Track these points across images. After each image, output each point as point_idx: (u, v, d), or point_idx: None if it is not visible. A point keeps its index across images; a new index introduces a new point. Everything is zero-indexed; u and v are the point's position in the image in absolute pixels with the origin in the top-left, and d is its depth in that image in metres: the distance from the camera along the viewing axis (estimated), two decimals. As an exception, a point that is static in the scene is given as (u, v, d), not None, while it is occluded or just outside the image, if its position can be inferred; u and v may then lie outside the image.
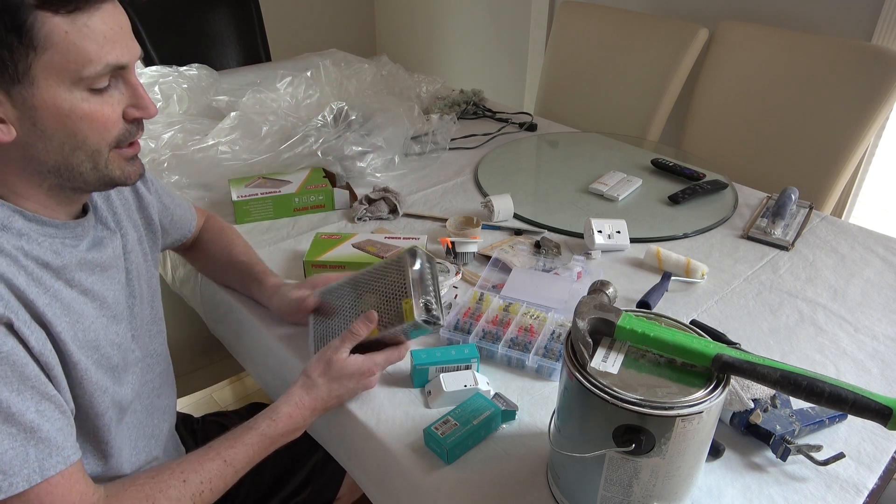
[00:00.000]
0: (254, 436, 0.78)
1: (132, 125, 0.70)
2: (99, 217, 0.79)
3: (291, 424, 0.80)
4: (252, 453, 0.77)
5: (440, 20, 3.20)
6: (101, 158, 0.68)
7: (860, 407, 0.58)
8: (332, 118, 1.51)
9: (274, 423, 0.79)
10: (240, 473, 0.77)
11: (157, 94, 1.68)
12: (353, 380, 0.83)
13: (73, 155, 0.66)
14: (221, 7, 2.46)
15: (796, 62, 1.72)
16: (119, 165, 0.70)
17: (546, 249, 1.19)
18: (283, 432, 0.80)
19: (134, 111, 0.69)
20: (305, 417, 0.81)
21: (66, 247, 0.70)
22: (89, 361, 0.70)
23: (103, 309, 0.74)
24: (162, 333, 0.92)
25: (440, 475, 0.76)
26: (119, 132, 0.68)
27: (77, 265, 0.71)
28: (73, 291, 0.70)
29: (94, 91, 0.65)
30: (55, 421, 0.63)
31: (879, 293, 1.10)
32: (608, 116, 2.07)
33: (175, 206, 1.00)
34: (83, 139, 0.66)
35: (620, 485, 0.64)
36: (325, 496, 1.14)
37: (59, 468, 0.63)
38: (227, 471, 0.75)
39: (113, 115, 0.67)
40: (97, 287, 0.73)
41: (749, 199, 1.42)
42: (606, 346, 0.66)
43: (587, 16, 2.14)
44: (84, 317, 0.70)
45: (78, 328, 0.69)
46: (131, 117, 0.69)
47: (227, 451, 0.75)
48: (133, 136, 0.71)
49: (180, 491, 0.70)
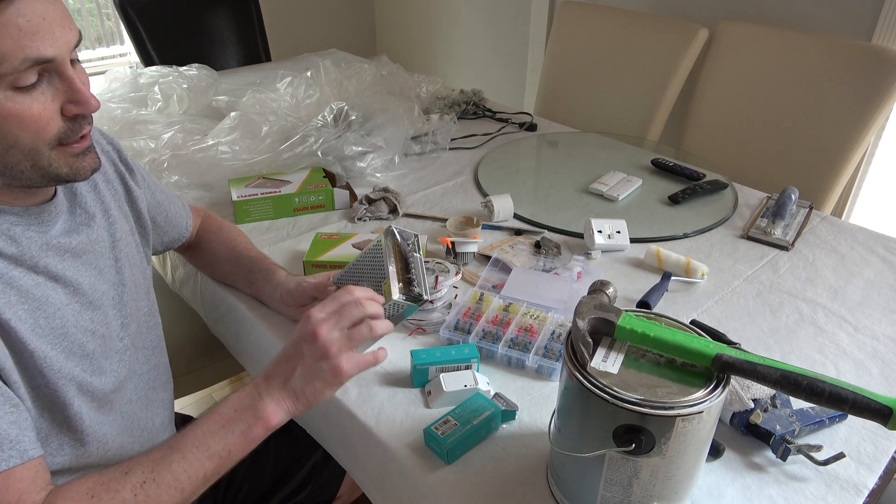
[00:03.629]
0: (202, 416, 0.72)
1: (74, 121, 0.67)
2: (79, 202, 0.78)
3: (242, 399, 0.72)
4: (200, 433, 0.70)
5: (440, 20, 3.20)
6: (42, 157, 0.65)
7: (860, 407, 0.58)
8: (332, 118, 1.51)
9: (225, 400, 0.73)
10: (190, 457, 0.69)
11: (157, 94, 1.68)
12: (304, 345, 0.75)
13: (7, 154, 0.64)
14: (221, 7, 2.46)
15: (796, 62, 1.72)
16: (66, 162, 0.68)
17: (546, 249, 1.19)
18: (235, 407, 0.71)
19: (73, 107, 0.66)
20: (260, 390, 0.72)
21: (29, 232, 0.69)
22: (53, 349, 0.68)
23: (77, 295, 0.73)
24: (158, 326, 0.92)
25: (440, 475, 0.76)
26: (58, 130, 0.65)
27: (43, 250, 0.70)
28: (39, 277, 0.69)
29: (19, 89, 0.61)
30: (5, 415, 0.62)
31: (879, 293, 1.10)
32: (608, 116, 2.07)
33: (169, 203, 1.00)
34: (14, 139, 0.63)
35: (620, 485, 0.64)
36: (324, 495, 1.14)
37: (12, 462, 0.61)
38: (173, 455, 0.68)
39: (45, 112, 0.64)
40: (69, 273, 0.72)
41: (749, 199, 1.42)
42: (606, 346, 0.66)
43: (587, 16, 2.14)
44: (48, 303, 0.69)
45: (39, 315, 0.67)
46: (71, 114, 0.66)
47: (175, 437, 0.71)
48: (77, 132, 0.67)
49: (120, 483, 0.66)
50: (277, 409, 0.71)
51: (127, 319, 0.82)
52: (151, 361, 0.88)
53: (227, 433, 0.70)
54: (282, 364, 0.73)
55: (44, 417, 0.69)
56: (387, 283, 0.83)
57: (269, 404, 0.71)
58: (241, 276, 1.05)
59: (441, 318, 1.00)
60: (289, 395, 0.72)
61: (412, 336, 0.98)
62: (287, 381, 0.72)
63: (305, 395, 0.72)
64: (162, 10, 2.32)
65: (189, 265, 1.17)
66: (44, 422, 0.69)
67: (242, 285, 1.06)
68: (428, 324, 1.00)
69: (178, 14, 2.37)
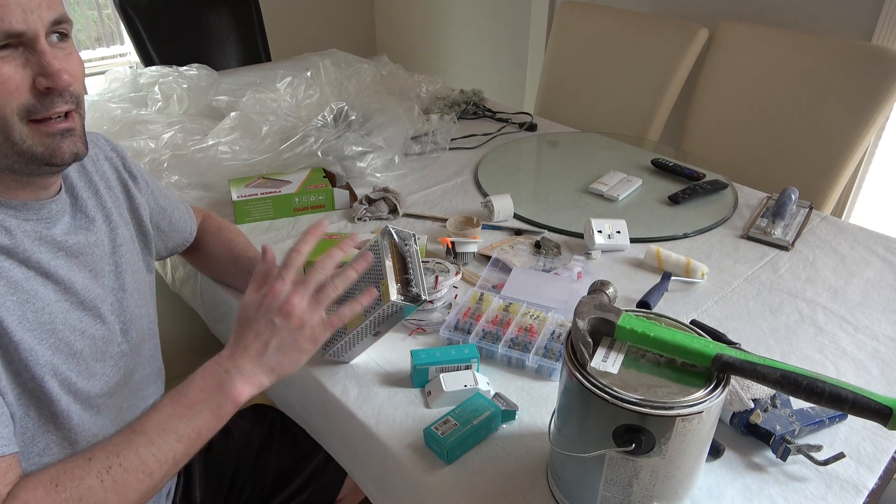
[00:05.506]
0: (165, 397, 0.70)
1: (46, 97, 0.67)
2: (79, 206, 0.79)
3: (208, 378, 0.71)
4: (167, 415, 0.68)
5: (440, 20, 3.20)
6: (13, 130, 0.65)
7: (860, 407, 0.58)
8: (332, 118, 1.51)
9: (189, 382, 0.71)
10: (158, 441, 0.67)
11: (157, 94, 1.68)
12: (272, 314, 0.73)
13: None
14: (221, 7, 2.46)
15: (796, 62, 1.72)
16: (42, 142, 0.67)
17: (546, 249, 1.19)
18: (202, 388, 0.70)
19: (43, 80, 0.66)
20: (228, 368, 0.71)
21: (24, 225, 0.69)
22: (40, 344, 0.68)
23: (67, 294, 0.73)
24: (155, 337, 0.92)
25: (440, 475, 0.76)
26: (26, 101, 0.65)
27: (36, 244, 0.70)
28: (30, 271, 0.69)
29: None
30: None
31: (879, 293, 1.10)
32: (608, 116, 2.07)
33: (173, 208, 1.00)
34: None
35: (620, 485, 0.64)
36: (325, 498, 1.14)
37: None
38: (139, 440, 0.66)
39: (13, 78, 0.64)
40: (61, 271, 0.72)
41: (749, 199, 1.42)
42: (606, 346, 0.66)
43: (587, 16, 2.14)
44: (37, 298, 0.69)
45: (27, 308, 0.67)
46: (42, 87, 0.66)
47: (137, 421, 0.68)
48: (49, 107, 0.67)
49: (84, 469, 0.64)
50: (246, 386, 0.71)
51: (127, 325, 0.82)
52: (147, 370, 0.88)
53: (196, 414, 0.69)
54: (250, 339, 0.72)
55: (30, 416, 0.68)
56: (384, 283, 0.83)
57: (239, 382, 0.71)
58: (240, 277, 1.05)
59: (441, 318, 1.00)
60: (263, 369, 0.72)
61: (412, 336, 0.98)
62: (261, 357, 0.72)
63: (282, 366, 0.73)
64: (162, 10, 2.32)
65: (189, 265, 1.17)
66: (30, 420, 0.68)
67: (241, 285, 1.06)
68: (428, 324, 1.00)
69: (178, 14, 2.37)
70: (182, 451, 0.69)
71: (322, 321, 0.74)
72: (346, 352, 0.90)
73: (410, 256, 0.88)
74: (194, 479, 1.02)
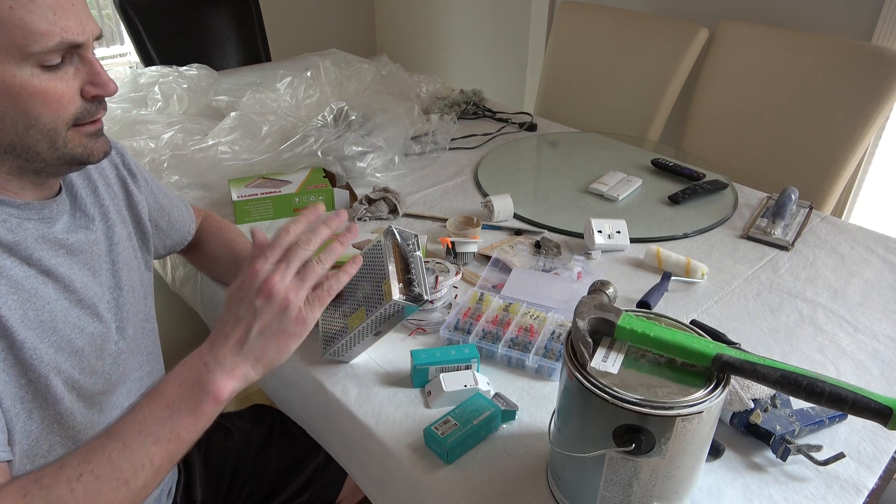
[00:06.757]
0: (143, 397, 0.65)
1: (91, 103, 0.69)
2: (78, 205, 0.79)
3: (186, 373, 0.65)
4: (142, 416, 0.63)
5: (440, 20, 3.20)
6: (59, 137, 0.67)
7: (860, 407, 0.58)
8: (332, 118, 1.51)
9: (166, 378, 0.66)
10: (133, 445, 0.62)
11: (157, 94, 1.68)
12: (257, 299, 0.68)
13: (27, 134, 0.65)
14: (221, 7, 2.46)
15: (796, 62, 1.72)
16: (81, 143, 0.69)
17: (546, 249, 1.19)
18: (179, 384, 0.64)
19: (92, 89, 0.68)
20: (207, 360, 0.65)
21: (26, 224, 0.70)
22: (43, 342, 0.68)
23: (67, 292, 0.73)
24: (154, 333, 0.92)
25: (440, 475, 0.76)
26: (76, 110, 0.67)
27: (38, 243, 0.70)
28: (31, 269, 0.69)
29: (46, 68, 0.64)
30: None
31: (879, 293, 1.10)
32: (608, 116, 2.07)
33: (172, 206, 1.00)
34: (36, 117, 0.65)
35: (620, 485, 0.64)
36: (325, 498, 1.14)
37: None
38: (112, 444, 0.62)
39: (68, 91, 0.66)
40: (62, 269, 0.72)
41: (749, 199, 1.42)
42: (606, 346, 0.66)
43: (587, 16, 2.14)
44: (38, 296, 0.69)
45: (29, 307, 0.67)
46: (90, 95, 0.68)
47: (113, 424, 0.64)
48: (93, 113, 0.69)
49: (54, 477, 0.60)
50: (228, 380, 0.65)
51: (123, 324, 0.81)
52: (145, 368, 0.87)
53: (174, 414, 0.63)
54: (230, 327, 0.66)
55: (33, 418, 0.68)
56: (387, 283, 0.83)
57: (219, 375, 0.64)
58: None
59: (441, 318, 1.00)
60: (245, 359, 0.65)
61: (412, 336, 0.98)
62: (242, 345, 0.65)
63: (267, 354, 0.66)
64: (162, 10, 2.32)
65: (189, 265, 1.17)
66: (33, 423, 0.68)
67: None
68: (428, 324, 1.00)
69: (178, 14, 2.37)
70: (161, 455, 0.63)
71: (309, 302, 0.67)
72: (346, 351, 0.90)
73: (413, 257, 0.88)
74: (195, 478, 1.02)
